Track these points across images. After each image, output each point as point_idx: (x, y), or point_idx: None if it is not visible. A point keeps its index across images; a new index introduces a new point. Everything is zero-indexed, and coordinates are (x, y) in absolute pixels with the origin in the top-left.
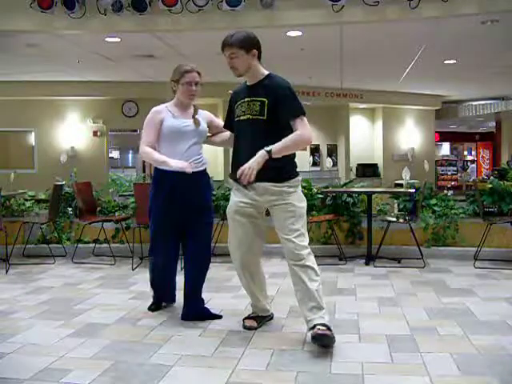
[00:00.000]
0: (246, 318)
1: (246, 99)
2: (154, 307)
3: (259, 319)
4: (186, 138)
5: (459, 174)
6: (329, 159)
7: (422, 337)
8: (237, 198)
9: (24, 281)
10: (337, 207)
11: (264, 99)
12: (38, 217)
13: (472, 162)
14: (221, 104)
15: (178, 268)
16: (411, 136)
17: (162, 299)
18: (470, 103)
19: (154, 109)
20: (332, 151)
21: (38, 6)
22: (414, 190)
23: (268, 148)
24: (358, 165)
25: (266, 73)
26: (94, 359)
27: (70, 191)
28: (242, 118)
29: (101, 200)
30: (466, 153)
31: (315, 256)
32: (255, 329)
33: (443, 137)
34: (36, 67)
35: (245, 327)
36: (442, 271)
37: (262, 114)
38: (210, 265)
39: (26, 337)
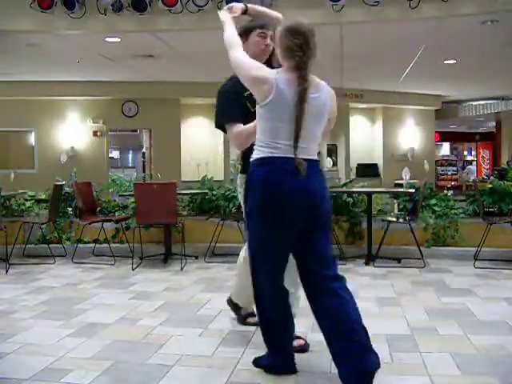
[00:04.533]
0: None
1: None
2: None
3: None
4: None
5: (458, 174)
6: (329, 159)
7: (422, 337)
8: None
9: (24, 281)
10: (337, 207)
11: None
12: (38, 217)
13: (471, 162)
14: None
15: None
16: (411, 136)
17: (291, 358)
18: (470, 103)
19: None
20: (332, 151)
21: (38, 5)
22: (413, 190)
23: None
24: (358, 165)
25: None
26: (93, 359)
27: (69, 191)
28: None
29: (101, 200)
30: (466, 153)
31: None
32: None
33: (443, 137)
34: (36, 67)
35: None
36: (442, 271)
37: None
38: (210, 265)
39: (26, 337)
